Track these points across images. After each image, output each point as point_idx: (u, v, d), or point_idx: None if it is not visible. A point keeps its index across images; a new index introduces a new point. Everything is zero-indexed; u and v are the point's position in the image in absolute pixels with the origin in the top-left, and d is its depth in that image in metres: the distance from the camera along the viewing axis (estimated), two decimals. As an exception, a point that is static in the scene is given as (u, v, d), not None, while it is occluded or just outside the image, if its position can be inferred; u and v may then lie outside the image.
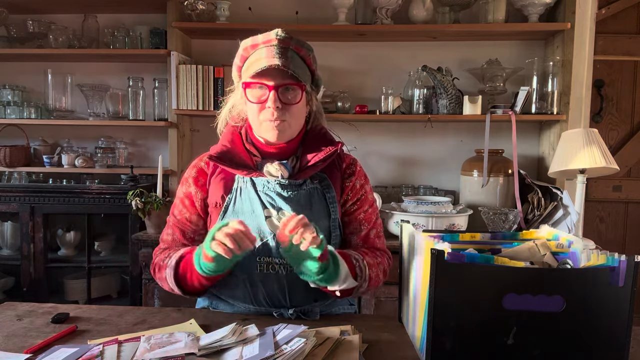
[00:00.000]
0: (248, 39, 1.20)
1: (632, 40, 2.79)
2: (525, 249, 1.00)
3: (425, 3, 2.53)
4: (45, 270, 2.62)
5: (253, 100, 1.17)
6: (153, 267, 1.25)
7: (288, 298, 1.19)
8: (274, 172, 1.20)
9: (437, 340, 0.87)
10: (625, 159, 2.81)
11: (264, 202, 1.19)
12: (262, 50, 1.17)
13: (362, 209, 1.28)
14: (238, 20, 2.69)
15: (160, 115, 2.74)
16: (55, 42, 2.73)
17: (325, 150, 1.22)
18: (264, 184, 1.20)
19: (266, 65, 1.11)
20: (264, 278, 1.18)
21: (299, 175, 1.21)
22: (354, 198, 1.28)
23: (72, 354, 0.95)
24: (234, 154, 1.22)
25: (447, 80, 2.49)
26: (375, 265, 1.21)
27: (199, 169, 1.27)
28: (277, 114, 1.15)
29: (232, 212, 1.20)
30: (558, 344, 0.86)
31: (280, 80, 1.14)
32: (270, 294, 1.19)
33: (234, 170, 1.21)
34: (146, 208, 2.31)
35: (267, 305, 1.21)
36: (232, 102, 1.28)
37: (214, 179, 1.24)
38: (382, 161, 2.83)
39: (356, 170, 1.31)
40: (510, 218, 2.27)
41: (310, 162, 1.21)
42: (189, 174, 1.28)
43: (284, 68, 1.12)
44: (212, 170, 1.25)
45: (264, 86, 1.15)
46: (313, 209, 1.20)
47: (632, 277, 0.84)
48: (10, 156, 2.67)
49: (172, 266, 1.15)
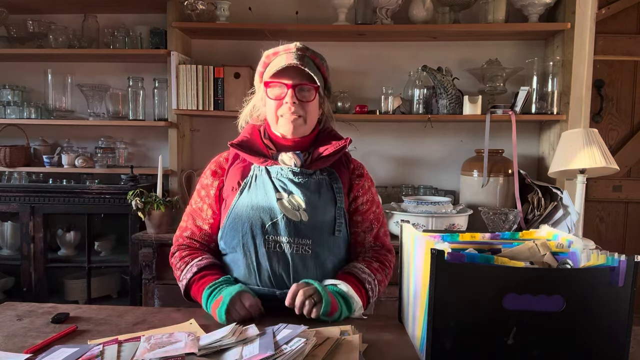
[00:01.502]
0: (270, 49, 1.35)
1: (632, 40, 2.79)
2: (525, 249, 1.00)
3: (425, 3, 2.53)
4: (45, 270, 2.62)
5: (272, 97, 1.30)
6: (171, 259, 1.37)
7: (292, 278, 1.24)
8: (287, 161, 1.31)
9: (437, 340, 0.87)
10: (625, 159, 2.81)
11: (277, 186, 1.29)
12: (282, 57, 1.31)
13: (372, 210, 1.39)
14: (238, 20, 2.69)
15: (160, 115, 2.74)
16: (55, 42, 2.73)
17: (335, 144, 1.34)
18: (278, 171, 1.30)
19: (285, 64, 1.26)
20: (270, 256, 1.25)
21: (310, 166, 1.32)
22: (363, 197, 1.39)
23: (72, 354, 0.95)
24: (253, 144, 1.36)
25: (447, 80, 2.49)
26: (384, 279, 1.34)
27: (218, 163, 1.40)
28: (293, 109, 1.28)
29: (247, 194, 1.29)
30: (558, 344, 0.86)
31: (297, 80, 1.28)
32: (274, 273, 1.24)
33: (251, 157, 1.32)
34: (146, 208, 2.31)
35: (271, 286, 1.25)
36: (253, 103, 1.42)
37: (232, 168, 1.36)
38: (382, 161, 2.83)
39: (364, 173, 1.43)
40: (510, 218, 2.27)
41: (322, 154, 1.33)
42: (208, 167, 1.41)
43: (301, 67, 1.26)
44: (230, 163, 1.38)
45: (283, 85, 1.28)
46: (321, 196, 1.30)
47: (632, 277, 0.84)
48: (10, 156, 2.67)
49: (183, 285, 1.30)
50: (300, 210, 1.26)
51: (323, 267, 1.27)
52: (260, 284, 1.26)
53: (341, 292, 1.20)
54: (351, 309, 1.20)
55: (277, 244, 1.25)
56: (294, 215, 1.25)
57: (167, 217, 2.37)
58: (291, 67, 1.26)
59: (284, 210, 1.25)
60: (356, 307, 1.21)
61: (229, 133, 1.76)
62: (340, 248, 1.33)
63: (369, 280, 1.27)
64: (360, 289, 1.25)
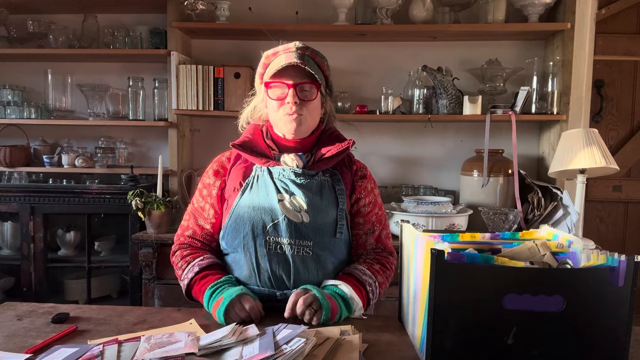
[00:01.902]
0: (269, 49, 1.33)
1: (632, 40, 2.79)
2: (525, 249, 1.00)
3: (425, 3, 2.53)
4: (45, 270, 2.62)
5: (273, 97, 1.29)
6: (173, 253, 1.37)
7: (292, 280, 1.24)
8: (289, 162, 1.30)
9: (437, 340, 0.87)
10: (625, 159, 2.81)
11: (279, 187, 1.28)
12: (282, 56, 1.30)
13: (374, 212, 1.39)
14: (238, 20, 2.69)
15: (160, 115, 2.74)
16: (55, 42, 2.73)
17: (338, 146, 1.33)
18: (280, 172, 1.30)
19: (286, 63, 1.24)
20: (271, 257, 1.24)
21: (312, 167, 1.31)
22: (366, 198, 1.38)
23: (72, 354, 0.95)
24: (255, 145, 1.34)
25: (447, 80, 2.49)
26: (385, 282, 1.33)
27: (220, 162, 1.39)
28: (295, 108, 1.26)
29: (249, 194, 1.29)
30: (558, 344, 0.86)
31: (298, 79, 1.26)
32: (275, 274, 1.24)
33: (253, 158, 1.31)
34: (146, 208, 2.31)
35: (271, 287, 1.25)
36: (254, 104, 1.40)
37: (234, 168, 1.35)
38: (382, 161, 2.83)
39: (367, 175, 1.41)
40: (510, 218, 2.27)
41: (324, 155, 1.32)
42: (210, 166, 1.40)
43: (302, 65, 1.24)
44: (232, 163, 1.36)
45: (284, 85, 1.27)
46: (323, 198, 1.29)
47: (632, 277, 0.84)
48: (10, 156, 2.67)
49: (184, 284, 1.29)
50: (301, 211, 1.25)
51: (324, 268, 1.27)
52: (261, 284, 1.26)
53: (341, 293, 1.21)
54: (351, 309, 1.20)
55: (278, 245, 1.24)
56: (296, 216, 1.25)
57: (167, 217, 2.37)
58: (291, 66, 1.25)
59: (286, 211, 1.25)
60: (356, 307, 1.21)
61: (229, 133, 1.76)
62: (341, 250, 1.32)
63: (369, 282, 1.27)
64: (361, 290, 1.25)
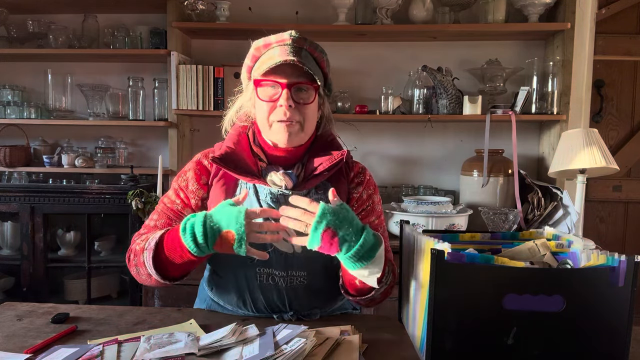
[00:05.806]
0: (260, 39, 1.15)
1: (632, 40, 2.79)
2: (525, 249, 1.00)
3: (425, 3, 2.53)
4: (45, 270, 2.61)
5: (264, 98, 1.12)
6: (128, 255, 1.16)
7: (288, 306, 1.19)
8: (278, 182, 1.14)
9: (437, 340, 0.87)
10: (625, 159, 2.81)
11: None
12: (275, 49, 1.12)
13: (368, 220, 1.23)
14: (238, 20, 2.69)
15: (160, 115, 2.74)
16: (55, 42, 2.73)
17: (331, 158, 1.16)
18: (267, 194, 1.14)
19: (280, 61, 1.06)
20: (263, 288, 1.17)
21: (303, 186, 1.16)
22: (359, 209, 1.23)
23: (72, 354, 0.95)
24: (239, 158, 1.16)
25: (447, 80, 2.49)
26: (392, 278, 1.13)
27: (202, 166, 1.21)
28: (289, 114, 1.09)
29: None
30: (558, 344, 0.86)
31: (293, 78, 1.09)
32: (270, 302, 1.18)
33: (237, 175, 1.15)
34: (146, 208, 2.31)
35: (267, 312, 1.20)
36: (239, 104, 1.23)
37: (216, 181, 1.19)
38: (382, 161, 2.83)
39: (365, 180, 1.25)
40: (510, 218, 2.27)
41: (315, 171, 1.16)
42: (189, 167, 1.22)
43: (299, 64, 1.06)
44: (215, 171, 1.20)
45: (277, 84, 1.10)
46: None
47: (632, 277, 0.83)
48: (10, 156, 2.67)
49: (151, 248, 1.04)
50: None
51: (323, 293, 1.21)
52: (257, 311, 1.20)
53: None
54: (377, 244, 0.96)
55: (270, 277, 1.15)
56: (286, 247, 1.11)
57: (167, 217, 2.37)
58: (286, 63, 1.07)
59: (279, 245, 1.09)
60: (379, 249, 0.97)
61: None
62: (336, 271, 1.16)
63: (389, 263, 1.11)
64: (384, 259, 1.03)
